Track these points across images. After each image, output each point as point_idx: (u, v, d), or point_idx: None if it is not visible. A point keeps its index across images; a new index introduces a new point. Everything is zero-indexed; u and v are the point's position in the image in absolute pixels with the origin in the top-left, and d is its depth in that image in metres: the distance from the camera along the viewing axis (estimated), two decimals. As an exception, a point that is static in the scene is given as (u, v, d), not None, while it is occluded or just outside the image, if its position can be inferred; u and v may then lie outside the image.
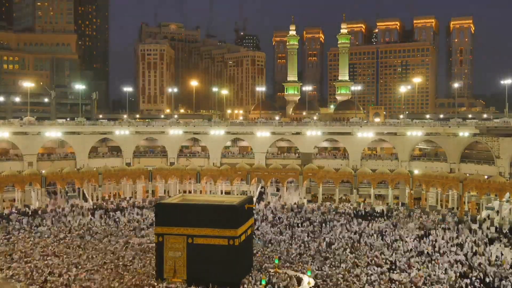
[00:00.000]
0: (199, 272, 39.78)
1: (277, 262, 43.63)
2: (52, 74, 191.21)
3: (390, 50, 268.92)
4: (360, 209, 73.62)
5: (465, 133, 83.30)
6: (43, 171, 77.13)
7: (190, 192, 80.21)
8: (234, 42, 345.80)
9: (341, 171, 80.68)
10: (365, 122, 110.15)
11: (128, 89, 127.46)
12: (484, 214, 66.92)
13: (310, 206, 75.37)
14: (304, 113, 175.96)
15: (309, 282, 39.53)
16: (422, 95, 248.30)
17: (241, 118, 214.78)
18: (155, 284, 39.69)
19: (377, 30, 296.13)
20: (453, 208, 72.77)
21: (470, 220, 64.54)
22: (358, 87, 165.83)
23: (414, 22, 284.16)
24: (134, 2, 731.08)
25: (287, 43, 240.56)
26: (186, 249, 39.98)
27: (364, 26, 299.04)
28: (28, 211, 69.28)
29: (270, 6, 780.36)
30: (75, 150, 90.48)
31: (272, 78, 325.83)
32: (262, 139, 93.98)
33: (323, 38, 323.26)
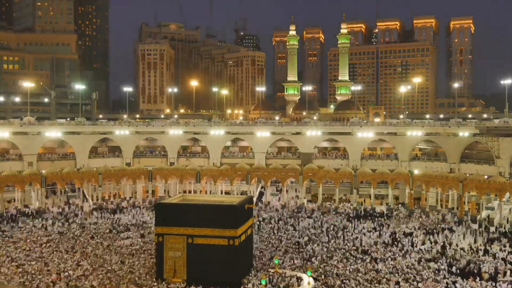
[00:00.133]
0: (199, 272, 39.81)
1: (277, 262, 43.63)
2: (52, 74, 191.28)
3: (390, 50, 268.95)
4: (358, 208, 73.64)
5: (465, 133, 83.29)
6: (43, 171, 77.15)
7: (190, 192, 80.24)
8: (234, 42, 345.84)
9: (341, 171, 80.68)
10: (365, 122, 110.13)
11: (128, 89, 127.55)
12: (484, 214, 66.90)
13: (310, 206, 75.43)
14: (304, 113, 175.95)
15: (309, 282, 39.51)
16: (422, 95, 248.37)
17: (241, 118, 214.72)
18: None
19: (377, 30, 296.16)
20: (453, 208, 72.79)
21: (470, 220, 64.57)
22: (358, 87, 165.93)
23: (414, 22, 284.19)
24: (134, 2, 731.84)
25: (287, 43, 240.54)
26: (186, 249, 40.03)
27: (364, 26, 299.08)
28: (27, 211, 69.34)
29: (270, 6, 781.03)
30: (75, 150, 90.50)
31: (272, 78, 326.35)
32: (262, 139, 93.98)
33: (323, 38, 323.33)
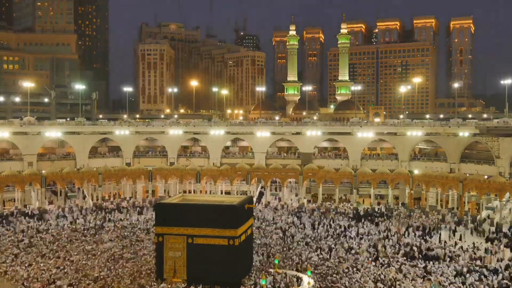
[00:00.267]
0: (199, 272, 39.81)
1: (277, 262, 43.63)
2: (52, 74, 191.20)
3: (390, 50, 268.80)
4: (357, 208, 73.65)
5: (465, 133, 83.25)
6: (43, 171, 77.14)
7: (190, 192, 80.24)
8: (234, 42, 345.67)
9: (341, 171, 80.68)
10: (365, 122, 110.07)
11: (128, 89, 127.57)
12: (484, 214, 66.92)
13: (310, 206, 75.45)
14: (304, 113, 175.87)
15: (309, 282, 39.52)
16: (422, 95, 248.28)
17: (241, 118, 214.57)
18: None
19: (377, 30, 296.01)
20: (453, 208, 72.79)
21: (470, 220, 64.58)
22: (358, 87, 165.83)
23: (414, 22, 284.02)
24: (134, 2, 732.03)
25: (287, 43, 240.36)
26: (186, 249, 40.03)
27: (364, 26, 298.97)
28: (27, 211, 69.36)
29: (270, 6, 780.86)
30: (75, 150, 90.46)
31: (272, 78, 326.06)
32: (262, 139, 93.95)
33: (323, 38, 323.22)
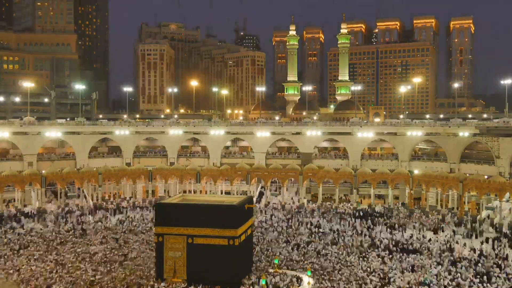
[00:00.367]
0: (199, 272, 39.81)
1: (277, 262, 43.64)
2: (52, 74, 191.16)
3: (390, 50, 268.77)
4: (357, 208, 73.68)
5: (465, 133, 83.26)
6: (43, 171, 77.12)
7: (190, 192, 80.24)
8: (234, 42, 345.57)
9: (341, 171, 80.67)
10: (365, 122, 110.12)
11: (128, 89, 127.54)
12: (484, 214, 66.92)
13: (310, 206, 75.44)
14: (304, 113, 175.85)
15: (309, 282, 39.54)
16: (422, 95, 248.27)
17: (241, 118, 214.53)
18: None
19: (377, 30, 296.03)
20: (453, 208, 72.78)
21: (470, 220, 64.56)
22: (358, 87, 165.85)
23: (414, 22, 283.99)
24: (134, 2, 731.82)
25: (287, 43, 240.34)
26: (186, 249, 40.01)
27: (364, 26, 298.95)
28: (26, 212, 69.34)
29: (270, 6, 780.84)
30: (75, 150, 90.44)
31: (272, 78, 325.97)
32: (262, 139, 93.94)
33: (323, 38, 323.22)
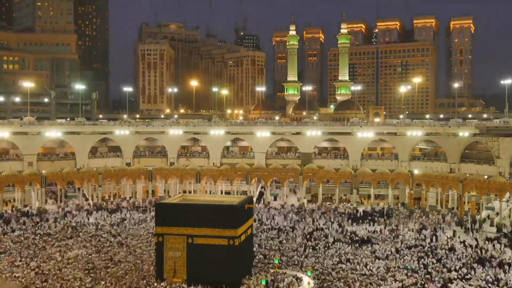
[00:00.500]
0: (199, 272, 39.82)
1: (277, 262, 43.64)
2: (52, 74, 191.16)
3: (390, 50, 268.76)
4: (356, 208, 73.65)
5: (465, 133, 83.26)
6: (43, 171, 77.13)
7: (190, 192, 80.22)
8: (234, 42, 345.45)
9: (341, 171, 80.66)
10: (365, 122, 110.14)
11: (128, 89, 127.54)
12: (484, 214, 66.93)
13: (310, 206, 75.45)
14: (304, 113, 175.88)
15: (309, 282, 39.54)
16: (422, 95, 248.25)
17: (241, 118, 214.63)
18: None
19: (377, 30, 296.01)
20: (453, 208, 72.79)
21: (470, 220, 64.56)
22: (358, 87, 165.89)
23: (414, 22, 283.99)
24: (134, 2, 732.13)
25: (287, 43, 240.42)
26: (186, 249, 40.03)
27: (364, 26, 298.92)
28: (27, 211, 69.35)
29: (270, 6, 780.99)
30: (75, 150, 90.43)
31: (272, 78, 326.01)
32: (262, 139, 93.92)
33: (323, 38, 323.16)
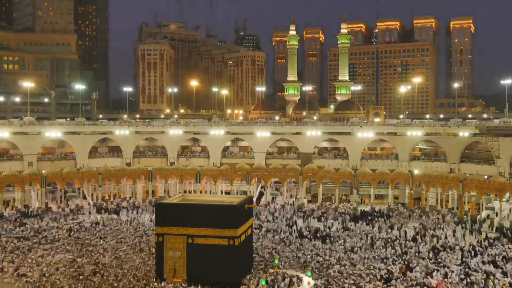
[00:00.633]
0: (199, 272, 39.82)
1: (277, 262, 43.65)
2: (52, 74, 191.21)
3: (390, 50, 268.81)
4: (356, 208, 73.67)
5: (465, 133, 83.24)
6: (43, 171, 77.12)
7: (190, 192, 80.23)
8: (234, 42, 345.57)
9: (341, 171, 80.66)
10: (365, 122, 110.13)
11: (128, 89, 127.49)
12: (484, 214, 66.95)
13: (310, 206, 75.46)
14: (304, 113, 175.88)
15: (309, 282, 39.54)
16: (422, 95, 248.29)
17: (241, 118, 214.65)
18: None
19: (377, 30, 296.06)
20: (453, 208, 72.80)
21: (470, 220, 64.60)
22: (358, 87, 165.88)
23: (414, 22, 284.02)
24: (134, 2, 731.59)
25: (287, 43, 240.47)
26: (186, 249, 40.06)
27: (364, 26, 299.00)
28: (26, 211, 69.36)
29: (270, 6, 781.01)
30: (75, 150, 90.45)
31: (272, 78, 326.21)
32: (262, 139, 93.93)
33: (323, 38, 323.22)
